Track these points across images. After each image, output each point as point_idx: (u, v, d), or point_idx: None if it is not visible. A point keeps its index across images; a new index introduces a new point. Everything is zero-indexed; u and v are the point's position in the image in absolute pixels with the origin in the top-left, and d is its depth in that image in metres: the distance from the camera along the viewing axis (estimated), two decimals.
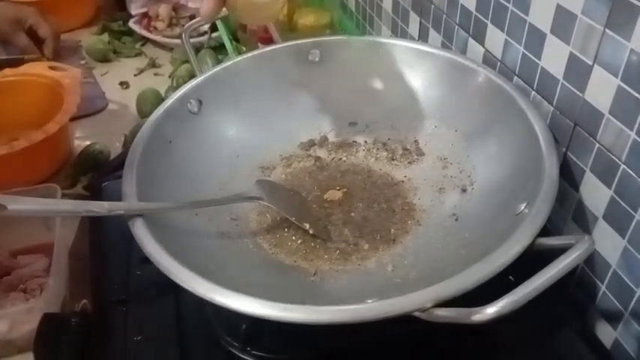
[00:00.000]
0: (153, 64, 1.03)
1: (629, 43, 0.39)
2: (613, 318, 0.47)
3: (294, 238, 0.52)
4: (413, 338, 0.44)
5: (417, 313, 0.35)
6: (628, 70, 0.40)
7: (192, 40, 0.65)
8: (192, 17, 1.10)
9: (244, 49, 0.96)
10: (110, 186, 0.63)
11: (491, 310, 0.32)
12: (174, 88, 0.90)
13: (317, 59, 0.64)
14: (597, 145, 0.45)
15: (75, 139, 0.84)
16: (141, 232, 0.42)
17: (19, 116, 0.82)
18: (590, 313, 0.50)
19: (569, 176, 0.49)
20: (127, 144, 0.80)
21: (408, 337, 0.44)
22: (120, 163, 0.74)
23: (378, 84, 0.51)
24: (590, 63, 0.44)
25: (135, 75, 1.01)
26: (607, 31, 0.41)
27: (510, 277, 0.41)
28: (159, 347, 0.46)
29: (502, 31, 0.55)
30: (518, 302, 0.33)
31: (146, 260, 0.40)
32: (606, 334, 0.48)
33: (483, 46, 0.59)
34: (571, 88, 0.47)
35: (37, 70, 0.83)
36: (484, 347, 0.46)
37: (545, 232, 0.39)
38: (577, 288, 0.50)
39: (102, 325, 0.49)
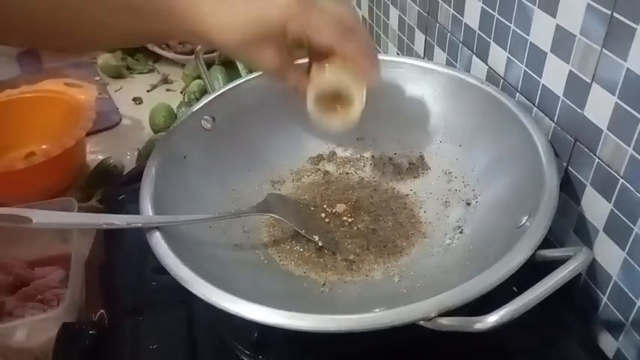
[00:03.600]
0: (165, 80, 1.05)
1: (626, 63, 0.41)
2: (614, 328, 0.48)
3: (303, 250, 0.54)
4: (422, 345, 0.45)
5: (421, 322, 0.36)
6: (625, 88, 0.42)
7: (203, 57, 0.67)
8: None
9: None
10: (125, 199, 0.64)
11: (492, 319, 0.34)
12: (186, 104, 0.92)
13: None
14: (597, 160, 0.46)
15: (88, 154, 0.86)
16: (158, 244, 0.43)
17: (36, 131, 0.84)
18: (592, 323, 0.50)
19: (570, 190, 0.50)
20: (141, 158, 0.82)
21: (417, 343, 0.45)
22: (134, 176, 0.76)
23: (384, 100, 0.52)
24: (589, 81, 0.45)
25: (148, 91, 1.03)
26: (604, 50, 0.43)
27: (514, 289, 0.42)
28: (173, 356, 0.48)
29: (504, 49, 0.56)
30: (517, 311, 0.34)
31: (160, 271, 0.42)
32: (608, 344, 0.49)
33: (486, 64, 0.60)
34: (571, 104, 0.48)
35: (54, 86, 0.86)
36: (488, 355, 0.47)
37: (548, 244, 0.40)
38: (580, 298, 0.51)
39: (118, 335, 0.50)
